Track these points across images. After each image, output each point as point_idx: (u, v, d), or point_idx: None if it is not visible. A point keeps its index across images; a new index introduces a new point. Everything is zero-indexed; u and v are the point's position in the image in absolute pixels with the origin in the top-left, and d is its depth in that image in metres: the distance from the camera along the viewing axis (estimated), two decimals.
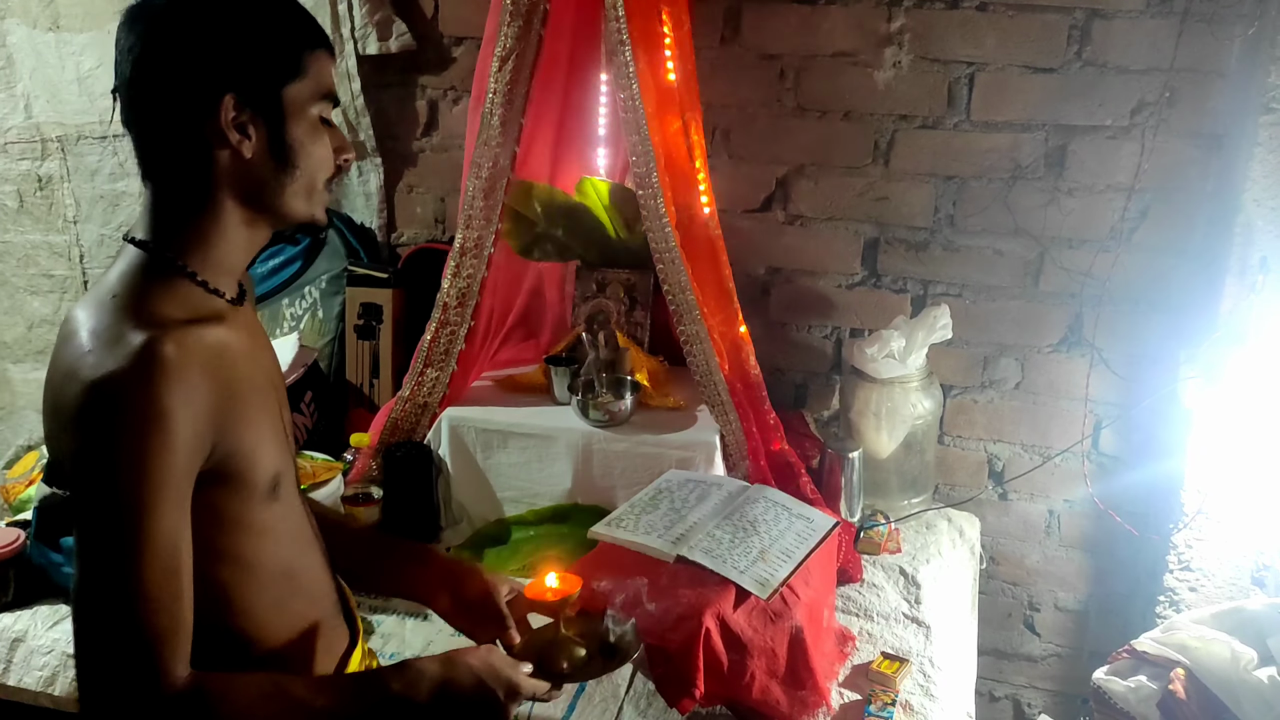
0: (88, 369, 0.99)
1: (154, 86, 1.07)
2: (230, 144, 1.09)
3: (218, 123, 1.07)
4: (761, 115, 2.17)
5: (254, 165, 1.11)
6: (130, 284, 1.07)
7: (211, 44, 1.07)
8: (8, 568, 1.79)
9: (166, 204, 1.11)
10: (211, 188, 1.10)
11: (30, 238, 2.74)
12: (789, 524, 1.69)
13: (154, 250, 1.09)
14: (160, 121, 1.08)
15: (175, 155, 1.09)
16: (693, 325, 1.88)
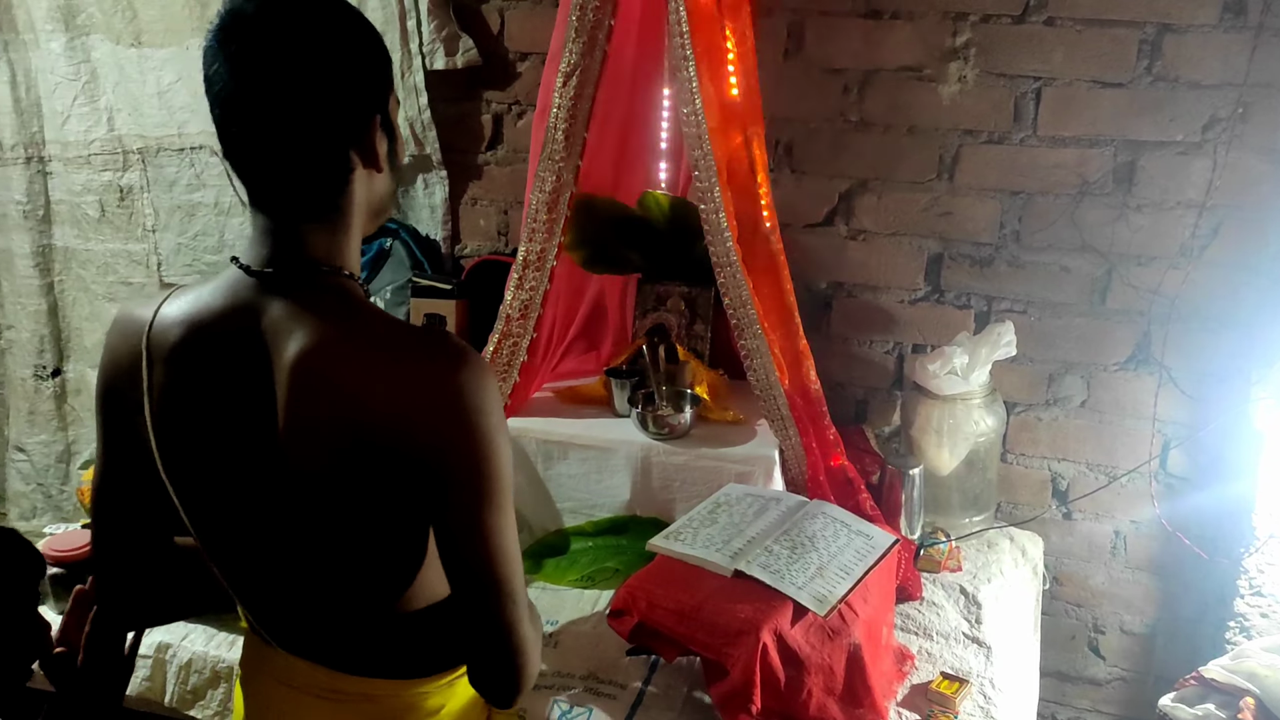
0: (439, 366, 1.03)
1: (307, 111, 1.02)
2: (376, 163, 1.10)
3: (369, 143, 1.08)
4: (824, 130, 2.17)
5: (381, 181, 1.13)
6: (358, 302, 1.10)
7: (362, 67, 1.07)
8: (84, 568, 1.83)
9: (304, 225, 1.08)
10: (347, 205, 1.10)
11: (110, 246, 2.83)
12: (848, 540, 1.68)
13: (334, 270, 1.10)
14: (308, 145, 1.04)
15: (320, 176, 1.07)
16: (753, 339, 1.88)
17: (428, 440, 1.03)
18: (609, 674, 1.65)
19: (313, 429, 1.05)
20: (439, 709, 1.24)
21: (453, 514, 1.07)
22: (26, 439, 3.07)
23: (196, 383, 1.10)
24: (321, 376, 1.04)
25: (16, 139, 2.76)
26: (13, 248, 2.88)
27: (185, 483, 1.16)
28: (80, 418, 3.04)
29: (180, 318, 1.10)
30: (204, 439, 1.12)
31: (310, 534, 1.11)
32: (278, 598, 1.20)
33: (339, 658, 1.21)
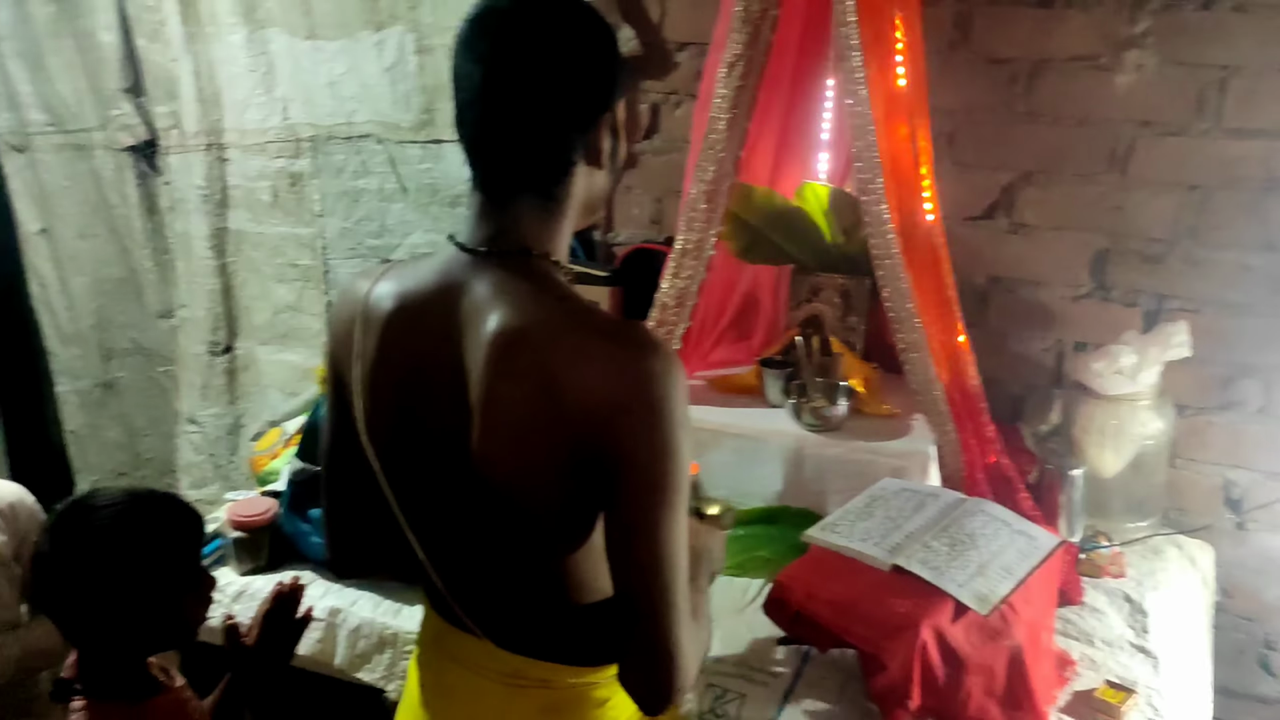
0: (632, 354, 1.04)
1: (546, 103, 1.07)
2: (599, 160, 1.13)
3: (595, 139, 1.12)
4: (989, 121, 2.12)
5: (600, 178, 1.16)
6: (561, 288, 1.12)
7: (600, 66, 1.10)
8: (263, 534, 1.96)
9: (522, 210, 1.12)
10: (565, 196, 1.13)
11: (280, 230, 2.97)
12: (1009, 540, 1.65)
13: (544, 255, 1.13)
14: (543, 134, 1.08)
15: (547, 165, 1.10)
16: (911, 333, 1.86)
17: (615, 429, 1.04)
18: (760, 662, 1.66)
19: (503, 406, 1.07)
20: (605, 701, 1.25)
21: (627, 507, 1.06)
22: (199, 412, 3.25)
23: (400, 356, 1.15)
24: (517, 356, 1.05)
25: (199, 127, 2.92)
26: (191, 230, 3.05)
27: (385, 452, 1.20)
28: (248, 392, 3.21)
29: (393, 291, 1.15)
30: (403, 411, 1.17)
31: (498, 513, 1.14)
32: (466, 574, 1.23)
33: (519, 640, 1.22)
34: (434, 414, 1.14)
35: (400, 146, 2.73)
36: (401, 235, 2.83)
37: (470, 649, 1.25)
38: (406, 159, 2.74)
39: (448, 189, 2.71)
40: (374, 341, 1.16)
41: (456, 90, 1.10)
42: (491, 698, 1.25)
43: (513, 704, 1.24)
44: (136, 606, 1.36)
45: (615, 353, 1.04)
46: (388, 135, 2.73)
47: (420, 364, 1.14)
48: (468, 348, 1.10)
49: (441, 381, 1.12)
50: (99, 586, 1.34)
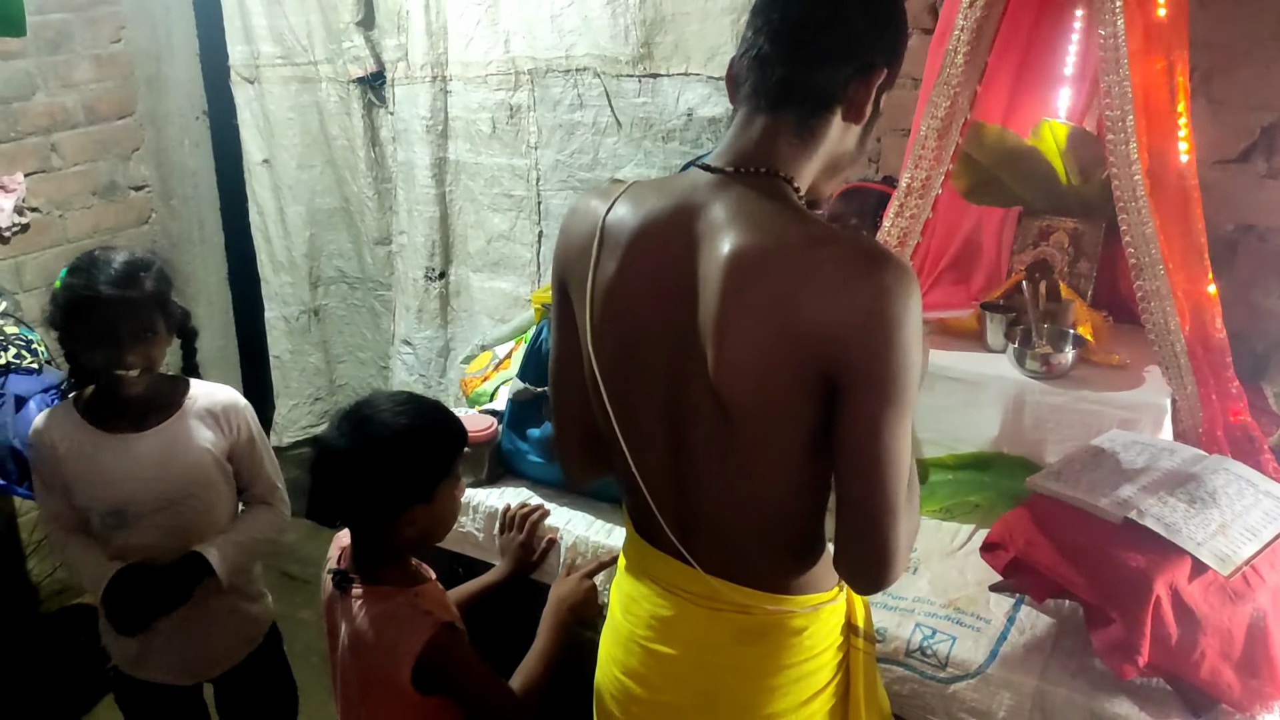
0: (864, 268, 1.06)
1: (825, 35, 1.12)
2: (858, 115, 1.17)
3: (862, 91, 1.15)
4: (1254, 55, 1.97)
5: (851, 136, 1.19)
6: (795, 207, 1.16)
7: (895, 21, 1.17)
8: (485, 449, 2.05)
9: (774, 132, 1.16)
10: (820, 133, 1.16)
11: (497, 160, 3.07)
12: (1255, 500, 1.56)
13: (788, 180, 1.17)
14: (823, 54, 1.13)
15: (808, 101, 1.15)
16: (1154, 281, 1.77)
17: (850, 344, 1.05)
18: (971, 606, 1.64)
19: (738, 325, 1.10)
20: (802, 630, 1.27)
21: (858, 414, 1.08)
22: (414, 334, 3.42)
23: (635, 277, 1.18)
24: (749, 275, 1.08)
25: (425, 59, 3.04)
26: (414, 160, 3.19)
27: (609, 369, 1.24)
28: (459, 317, 3.35)
29: (633, 212, 1.19)
30: (632, 330, 1.20)
31: (725, 431, 1.16)
32: (678, 495, 1.25)
33: (723, 564, 1.25)
34: (665, 335, 1.17)
35: (616, 80, 2.77)
36: (614, 169, 2.88)
37: (671, 571, 1.29)
38: (622, 93, 2.77)
39: (662, 123, 2.73)
40: (614, 262, 1.19)
41: (754, 11, 1.16)
42: (690, 619, 1.28)
43: (710, 627, 1.27)
44: (405, 499, 1.50)
45: (849, 268, 1.06)
46: (605, 69, 2.77)
47: (654, 284, 1.17)
48: (702, 267, 1.12)
49: (674, 300, 1.15)
50: (376, 478, 1.48)
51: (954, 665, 1.54)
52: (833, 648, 1.31)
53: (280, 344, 3.73)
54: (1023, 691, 1.49)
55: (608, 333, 1.22)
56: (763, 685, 1.27)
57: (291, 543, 3.65)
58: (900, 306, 1.05)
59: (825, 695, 1.31)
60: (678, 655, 1.29)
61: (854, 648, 1.34)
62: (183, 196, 3.59)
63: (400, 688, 1.48)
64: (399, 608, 1.52)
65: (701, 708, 1.30)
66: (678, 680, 1.30)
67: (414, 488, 1.51)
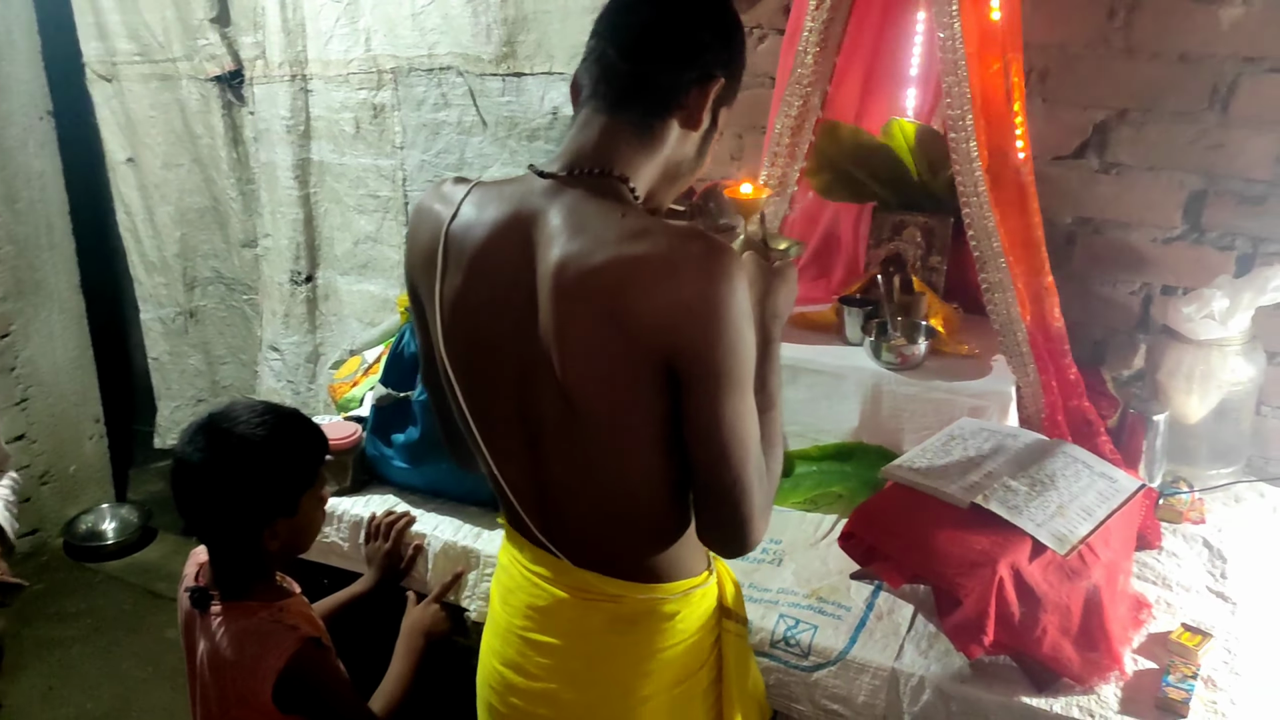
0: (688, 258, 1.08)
1: (663, 39, 1.16)
2: (694, 122, 1.19)
3: (700, 98, 1.18)
4: (1085, 57, 2.06)
5: (689, 144, 1.22)
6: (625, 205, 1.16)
7: (731, 30, 1.20)
8: (349, 456, 2.02)
9: (613, 130, 1.18)
10: (660, 135, 1.19)
11: (362, 161, 3.01)
12: (1090, 482, 1.65)
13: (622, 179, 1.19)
14: (652, 68, 1.16)
15: (646, 101, 1.17)
16: (996, 273, 1.84)
17: (681, 332, 1.08)
18: (833, 595, 1.68)
19: (574, 331, 1.12)
20: (674, 615, 1.30)
21: (700, 399, 1.11)
22: (280, 340, 3.34)
23: (481, 285, 1.19)
24: (576, 280, 1.10)
25: (284, 57, 2.96)
26: (276, 160, 3.11)
27: (464, 376, 1.25)
28: (328, 321, 3.28)
29: (476, 220, 1.20)
30: (482, 337, 1.21)
31: (577, 433, 1.18)
32: (539, 496, 1.27)
33: (589, 558, 1.28)
34: (511, 339, 1.18)
35: (480, 79, 2.74)
36: (480, 168, 2.86)
37: (544, 564, 1.31)
38: (487, 92, 2.75)
39: (526, 122, 2.72)
40: (459, 272, 1.20)
41: (599, 23, 1.20)
42: (564, 609, 1.30)
43: (584, 616, 1.30)
44: (267, 512, 1.48)
45: (669, 259, 1.08)
46: (469, 68, 2.74)
47: (498, 292, 1.18)
48: (540, 274, 1.14)
49: (518, 308, 1.16)
50: (237, 491, 1.45)
51: (816, 653, 1.58)
52: (705, 630, 1.34)
53: (158, 346, 3.62)
54: (880, 675, 1.54)
55: (458, 340, 1.23)
56: (638, 670, 1.30)
57: (156, 560, 3.54)
58: (724, 288, 1.07)
59: (699, 677, 1.34)
60: (554, 644, 1.31)
61: (726, 630, 1.37)
62: (29, 200, 3.42)
63: (261, 706, 1.45)
64: (261, 624, 1.48)
65: (579, 693, 1.32)
66: (555, 668, 1.32)
67: (276, 499, 1.49)
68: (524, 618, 1.34)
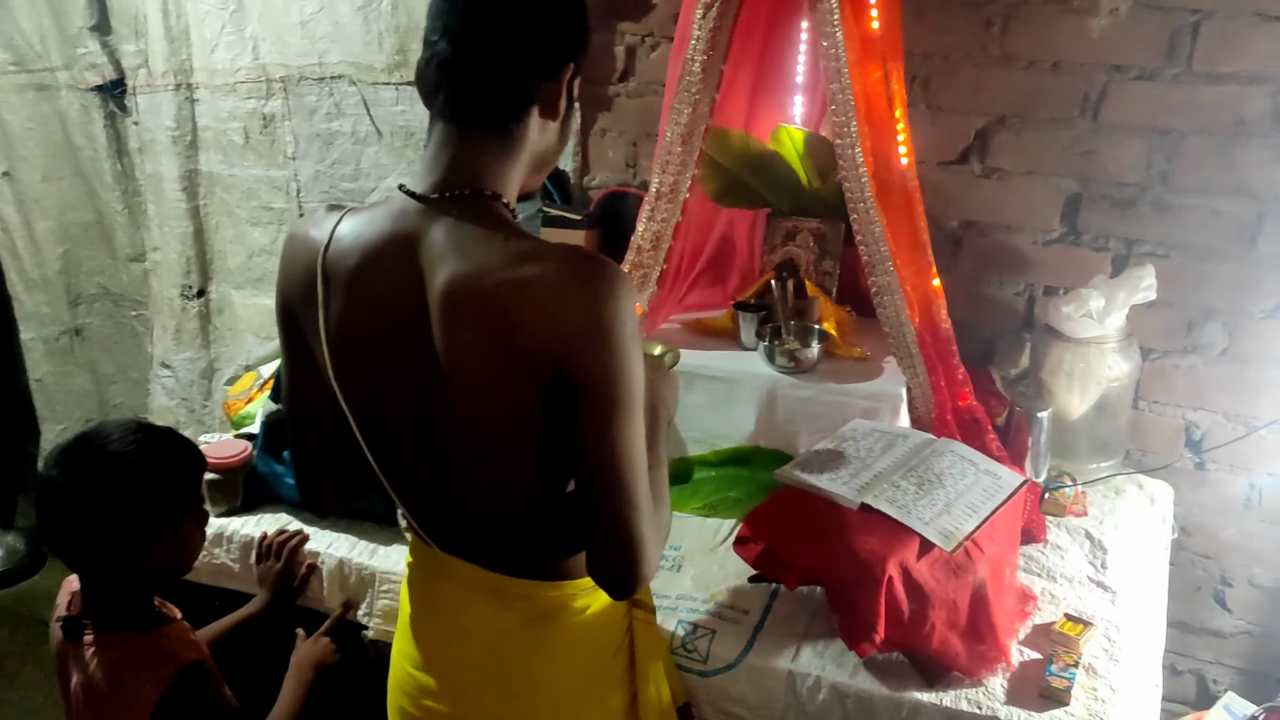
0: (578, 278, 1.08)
1: (511, 36, 1.12)
2: (553, 112, 1.17)
3: (553, 90, 1.16)
4: (964, 65, 2.12)
5: (551, 131, 1.20)
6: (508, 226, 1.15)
7: (567, 19, 1.16)
8: (238, 475, 1.97)
9: (478, 147, 1.16)
10: (520, 137, 1.17)
11: (253, 172, 2.94)
12: (975, 479, 1.69)
13: (495, 196, 1.17)
14: (507, 68, 1.13)
15: (506, 99, 1.15)
16: (884, 276, 1.88)
17: (570, 355, 1.08)
18: (731, 599, 1.70)
19: (465, 355, 1.11)
20: (584, 609, 1.33)
21: (588, 422, 1.11)
22: (172, 356, 3.24)
23: (366, 310, 1.18)
24: (466, 304, 1.09)
25: (167, 66, 2.87)
26: (162, 172, 3.02)
27: (356, 400, 1.23)
28: (223, 336, 3.20)
29: (353, 246, 1.17)
30: (372, 362, 1.20)
31: (473, 453, 1.18)
32: (441, 508, 1.28)
33: (497, 561, 1.29)
34: (404, 363, 1.17)
35: (374, 88, 2.71)
36: (377, 179, 2.82)
37: (455, 568, 1.32)
38: (380, 101, 2.72)
39: (423, 132, 2.65)
40: (342, 301, 1.18)
41: (429, 23, 1.14)
42: (480, 610, 1.31)
43: (497, 615, 1.31)
44: (148, 535, 1.42)
45: (559, 282, 1.08)
46: (361, 76, 2.70)
47: (386, 317, 1.17)
48: (429, 298, 1.13)
49: (408, 332, 1.15)
50: (113, 514, 1.40)
51: (715, 658, 1.59)
52: (615, 620, 1.38)
53: (40, 367, 3.45)
54: (777, 677, 1.55)
55: (349, 367, 1.22)
56: (553, 663, 1.33)
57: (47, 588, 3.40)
58: (613, 310, 1.08)
59: (613, 665, 1.38)
60: (469, 644, 1.32)
61: (636, 618, 1.41)
62: None
63: None
64: (137, 652, 1.43)
65: (494, 691, 1.33)
66: (470, 668, 1.33)
67: (152, 520, 1.44)
68: (435, 620, 1.35)
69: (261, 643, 1.79)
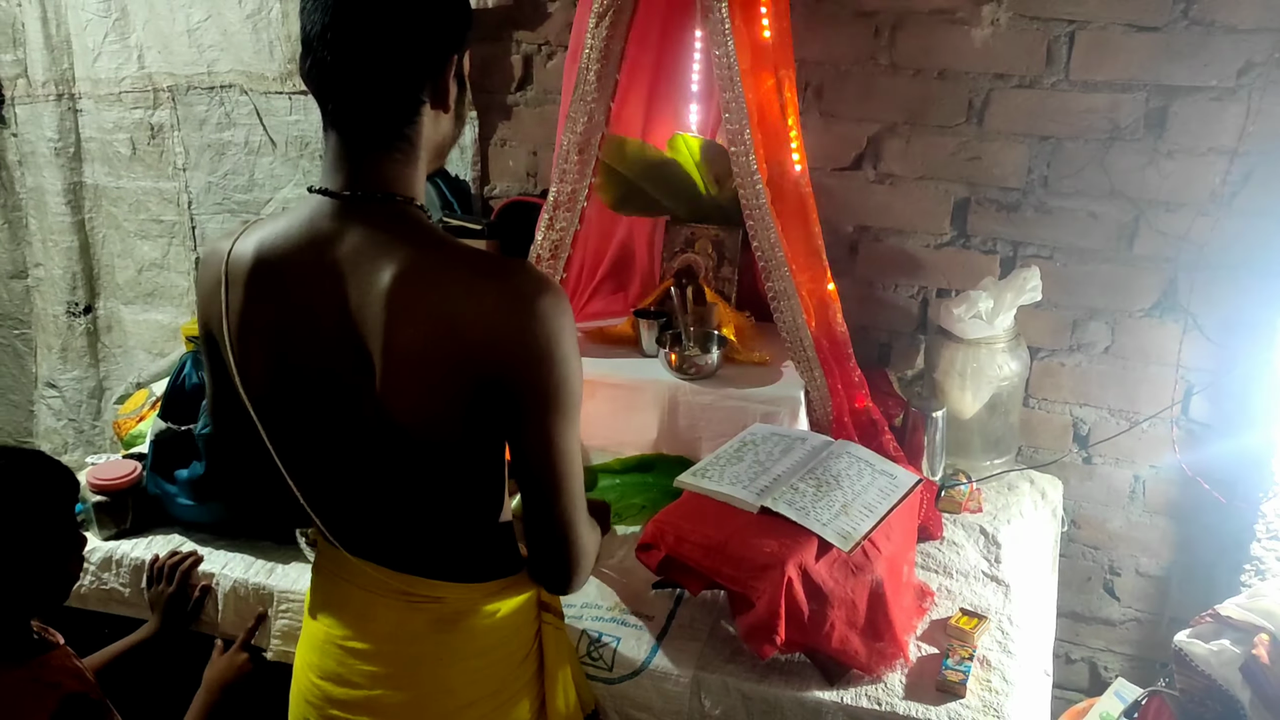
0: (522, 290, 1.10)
1: (389, 44, 1.10)
2: (445, 103, 1.16)
3: (441, 83, 1.15)
4: (855, 73, 2.16)
5: (446, 122, 1.19)
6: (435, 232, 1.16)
7: (445, 10, 1.13)
8: (127, 496, 1.90)
9: (376, 154, 1.14)
10: (416, 138, 1.16)
11: (141, 184, 2.85)
12: (872, 479, 1.72)
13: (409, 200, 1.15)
14: (389, 73, 1.11)
15: (395, 105, 1.13)
16: (781, 282, 1.90)
17: (516, 362, 1.11)
18: (635, 605, 1.70)
19: (407, 350, 1.11)
20: (494, 612, 1.32)
21: (531, 427, 1.15)
22: (59, 376, 3.12)
23: (271, 309, 1.16)
24: (417, 302, 1.10)
25: (47, 76, 2.78)
26: (44, 185, 2.91)
27: (262, 403, 1.22)
28: (113, 354, 3.09)
29: (255, 246, 1.16)
30: (280, 362, 1.18)
31: (395, 449, 1.18)
32: (353, 510, 1.27)
33: (408, 563, 1.28)
34: (318, 362, 1.16)
35: (266, 98, 2.65)
36: (272, 190, 2.76)
37: (362, 571, 1.30)
38: (274, 110, 2.66)
39: (318, 142, 2.64)
40: (239, 298, 1.17)
41: (304, 27, 1.12)
42: (386, 613, 1.30)
43: (406, 619, 1.30)
44: (15, 563, 1.37)
45: (508, 291, 1.10)
46: (253, 85, 2.64)
47: (297, 315, 1.16)
48: (355, 296, 1.12)
49: (326, 330, 1.14)
50: None
51: (620, 665, 1.59)
52: (525, 624, 1.37)
53: None
54: (682, 682, 1.56)
55: (255, 368, 1.20)
56: (462, 667, 1.32)
57: None
58: (558, 325, 1.12)
59: (522, 669, 1.37)
60: (376, 650, 1.30)
61: (545, 623, 1.41)
62: None
63: None
64: (16, 683, 1.37)
65: (403, 696, 1.31)
66: (377, 674, 1.31)
67: (21, 550, 1.37)
68: (343, 627, 1.32)
69: (155, 670, 1.74)
